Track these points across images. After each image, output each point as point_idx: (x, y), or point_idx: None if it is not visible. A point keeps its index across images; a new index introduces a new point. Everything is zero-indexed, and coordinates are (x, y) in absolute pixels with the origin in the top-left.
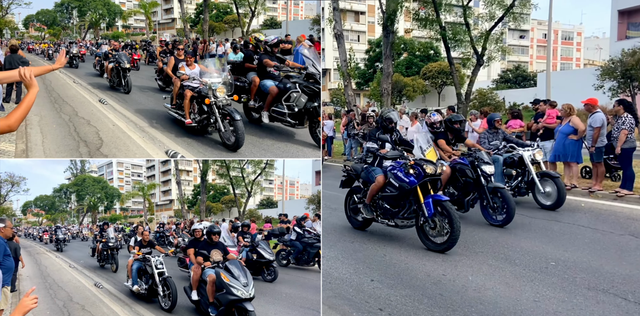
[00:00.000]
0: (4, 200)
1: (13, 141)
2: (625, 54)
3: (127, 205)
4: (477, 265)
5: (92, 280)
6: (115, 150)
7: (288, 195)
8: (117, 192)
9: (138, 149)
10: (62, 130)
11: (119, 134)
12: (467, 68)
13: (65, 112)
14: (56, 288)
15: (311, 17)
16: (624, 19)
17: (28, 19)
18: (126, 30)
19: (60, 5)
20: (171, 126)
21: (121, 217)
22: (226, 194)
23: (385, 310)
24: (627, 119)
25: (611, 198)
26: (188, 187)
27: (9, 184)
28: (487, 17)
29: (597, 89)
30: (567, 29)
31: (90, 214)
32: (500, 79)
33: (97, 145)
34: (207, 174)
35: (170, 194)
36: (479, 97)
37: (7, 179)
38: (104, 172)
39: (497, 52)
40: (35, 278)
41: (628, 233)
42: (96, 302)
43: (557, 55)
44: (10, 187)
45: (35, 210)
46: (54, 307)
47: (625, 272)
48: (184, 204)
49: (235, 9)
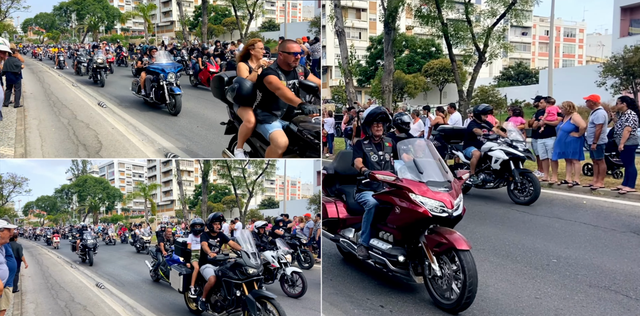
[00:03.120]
0: (6, 201)
1: (12, 145)
2: (628, 50)
3: (129, 206)
4: (479, 262)
5: (94, 280)
6: (115, 153)
7: (289, 195)
8: (118, 192)
9: (137, 152)
10: (61, 133)
11: (118, 137)
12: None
13: (64, 116)
14: (58, 289)
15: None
16: (627, 16)
17: (27, 23)
18: (125, 33)
19: (59, 8)
20: (170, 128)
21: (122, 217)
22: (227, 195)
23: (386, 307)
24: (631, 116)
25: (613, 195)
26: (189, 187)
27: (11, 185)
28: (489, 13)
29: (599, 86)
30: (569, 26)
31: (92, 214)
32: (502, 76)
33: (97, 148)
34: (209, 174)
35: (171, 195)
36: (481, 94)
37: (9, 180)
38: (105, 172)
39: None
40: (37, 278)
41: (630, 230)
42: (98, 302)
43: (559, 52)
44: (12, 188)
45: (37, 211)
46: (56, 307)
47: (626, 269)
48: (185, 205)
49: (233, 12)
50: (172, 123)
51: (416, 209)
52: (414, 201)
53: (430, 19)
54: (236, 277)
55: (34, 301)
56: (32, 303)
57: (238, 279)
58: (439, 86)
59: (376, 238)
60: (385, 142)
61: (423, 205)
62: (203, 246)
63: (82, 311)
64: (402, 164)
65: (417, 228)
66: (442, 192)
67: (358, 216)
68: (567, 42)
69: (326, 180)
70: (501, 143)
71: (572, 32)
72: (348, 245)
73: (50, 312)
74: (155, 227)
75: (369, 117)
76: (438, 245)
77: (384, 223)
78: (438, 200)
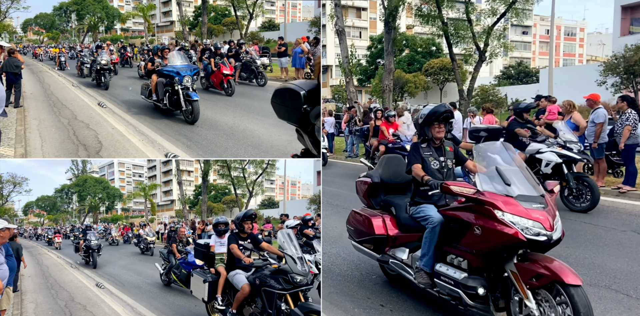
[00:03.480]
0: (6, 201)
1: (12, 145)
2: (628, 49)
3: (129, 205)
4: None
5: (94, 280)
6: (115, 153)
7: (289, 195)
8: (118, 192)
9: (137, 152)
10: (61, 134)
11: (118, 138)
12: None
13: (65, 116)
14: (58, 288)
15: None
16: (627, 15)
17: (27, 23)
18: (125, 33)
19: (59, 8)
20: (170, 128)
21: (122, 217)
22: (227, 194)
23: (386, 306)
24: (631, 115)
25: (613, 194)
26: (189, 187)
27: (11, 184)
28: (490, 12)
29: (599, 85)
30: (569, 25)
31: (92, 214)
32: (502, 75)
33: (97, 148)
34: (209, 174)
35: (171, 195)
36: (481, 93)
37: (9, 179)
38: (105, 172)
39: (499, 48)
40: (37, 278)
41: (630, 230)
42: (98, 302)
43: (560, 51)
44: (12, 188)
45: (37, 211)
46: (56, 307)
47: (627, 268)
48: (185, 205)
49: (233, 12)
50: (172, 123)
51: (504, 230)
52: (502, 220)
53: (431, 18)
54: (280, 287)
55: (34, 301)
56: (32, 302)
57: (282, 289)
58: (440, 85)
59: (443, 263)
60: (446, 147)
61: (514, 225)
62: (233, 249)
63: (81, 311)
64: (480, 174)
65: (502, 253)
66: (537, 209)
67: (411, 233)
68: (568, 41)
69: (370, 190)
70: (551, 145)
71: (572, 31)
72: (400, 268)
73: (50, 312)
74: (155, 227)
75: (430, 117)
76: (536, 277)
77: (453, 244)
78: (533, 220)
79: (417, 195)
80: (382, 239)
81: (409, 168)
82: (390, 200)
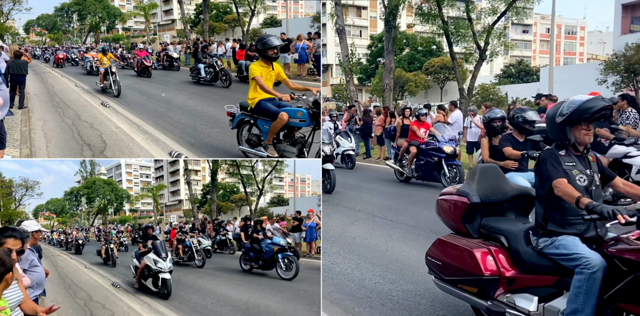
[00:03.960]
0: (19, 204)
1: (17, 146)
2: (629, 48)
3: (137, 206)
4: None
5: (109, 280)
6: (119, 153)
7: (299, 192)
8: (126, 193)
9: (141, 151)
10: (65, 134)
11: (122, 137)
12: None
13: (68, 116)
14: (75, 288)
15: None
16: (628, 13)
17: (29, 24)
18: (126, 32)
19: (60, 9)
20: (174, 127)
21: (130, 218)
22: (236, 193)
23: (387, 305)
24: (632, 113)
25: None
26: (197, 186)
27: (24, 188)
28: (490, 11)
29: (600, 83)
30: (570, 24)
31: (101, 216)
32: (502, 74)
33: (101, 148)
34: (217, 173)
35: (179, 195)
36: (482, 92)
37: (21, 183)
38: (113, 174)
39: (499, 47)
40: (54, 279)
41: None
42: (115, 301)
43: (560, 49)
44: (24, 191)
45: (47, 213)
46: (76, 306)
47: None
48: (194, 204)
49: (235, 9)
50: (176, 122)
51: None
52: None
53: (431, 17)
54: None
55: (53, 301)
56: (52, 302)
57: None
58: (440, 84)
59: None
60: (589, 156)
61: None
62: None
63: (101, 309)
64: None
65: None
66: None
67: (540, 275)
68: (568, 39)
69: (467, 213)
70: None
71: (573, 29)
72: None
73: (71, 311)
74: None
75: (581, 113)
76: None
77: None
78: None
79: (550, 221)
80: (493, 281)
81: (548, 183)
82: (497, 226)
